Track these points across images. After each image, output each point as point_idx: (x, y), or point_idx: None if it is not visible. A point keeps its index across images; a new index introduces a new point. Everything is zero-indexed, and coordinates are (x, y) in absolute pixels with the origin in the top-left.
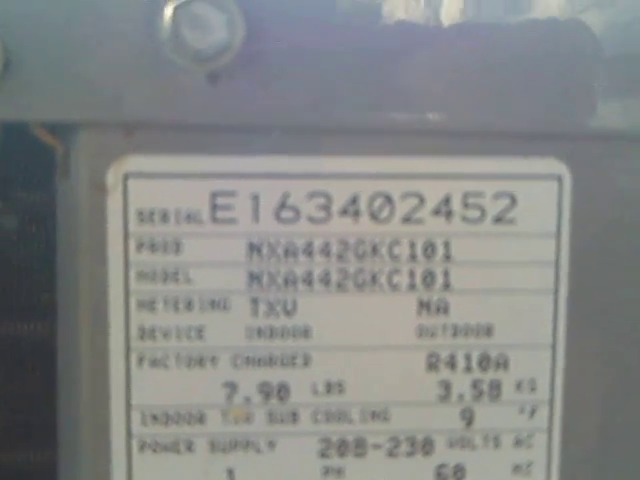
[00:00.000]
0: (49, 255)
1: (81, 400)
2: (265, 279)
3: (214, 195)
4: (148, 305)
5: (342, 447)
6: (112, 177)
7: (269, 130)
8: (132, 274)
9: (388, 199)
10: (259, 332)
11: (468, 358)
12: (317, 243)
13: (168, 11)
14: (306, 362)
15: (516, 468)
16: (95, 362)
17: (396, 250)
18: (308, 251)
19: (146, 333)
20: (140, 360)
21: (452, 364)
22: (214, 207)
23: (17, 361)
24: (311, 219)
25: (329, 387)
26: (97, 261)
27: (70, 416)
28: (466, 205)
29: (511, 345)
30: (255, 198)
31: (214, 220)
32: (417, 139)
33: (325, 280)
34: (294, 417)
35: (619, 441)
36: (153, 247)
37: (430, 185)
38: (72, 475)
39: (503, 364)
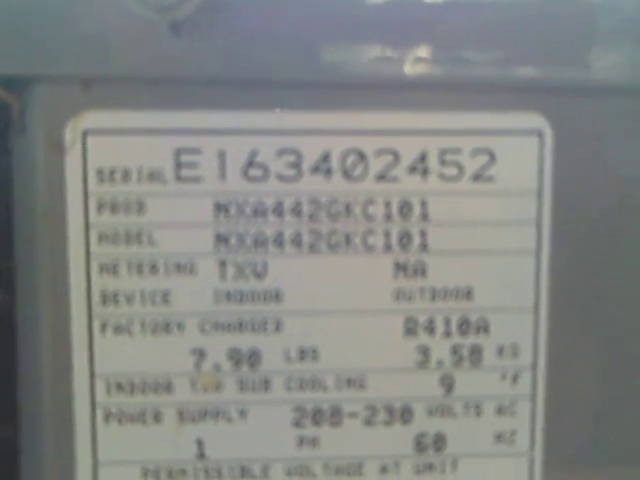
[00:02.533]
0: (7, 222)
1: (42, 370)
2: (233, 240)
3: (178, 152)
4: (110, 269)
5: (317, 416)
6: (70, 134)
7: (234, 83)
8: (93, 236)
9: (361, 156)
10: (228, 296)
11: (447, 322)
12: (287, 202)
13: None
14: (278, 327)
15: (499, 436)
16: (56, 330)
17: (370, 210)
18: (278, 211)
19: (109, 298)
20: (103, 326)
21: (431, 329)
22: (178, 165)
23: None
24: (281, 177)
25: (302, 353)
26: (56, 223)
27: (31, 387)
28: (443, 162)
29: (492, 308)
30: (222, 155)
31: (179, 179)
32: (392, 93)
33: (296, 241)
34: (266, 385)
35: (606, 407)
36: (114, 208)
37: (405, 141)
38: (34, 449)
39: (484, 328)
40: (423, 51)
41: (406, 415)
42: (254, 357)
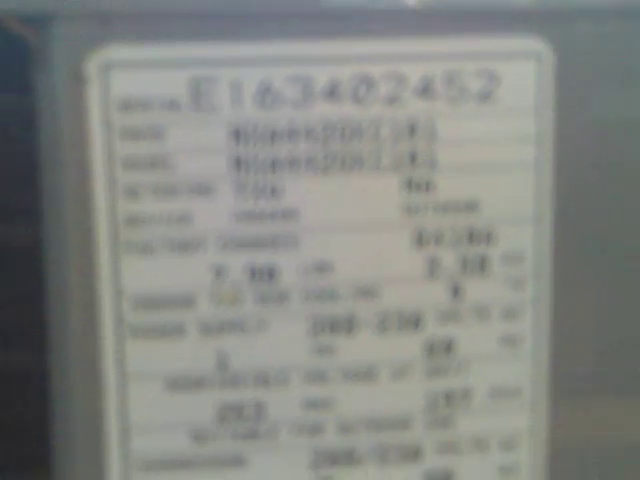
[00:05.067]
0: (32, 155)
1: (69, 292)
2: (250, 164)
3: (195, 81)
4: (134, 193)
5: (332, 325)
6: (91, 67)
7: (249, 15)
8: (117, 164)
9: (369, 81)
10: (246, 215)
11: (454, 233)
12: (300, 127)
13: None
14: (294, 243)
15: (504, 339)
16: (82, 254)
17: (380, 131)
18: (292, 135)
19: (133, 221)
20: (128, 248)
21: (438, 239)
22: (196, 94)
23: (2, 267)
24: (294, 103)
25: (318, 267)
26: (80, 153)
27: (59, 310)
28: (448, 84)
29: (497, 219)
30: (237, 84)
31: (196, 107)
32: (397, 19)
33: (310, 163)
34: (284, 297)
35: (613, 316)
36: (136, 136)
37: (411, 65)
38: (63, 368)
39: (489, 238)
40: None
41: (416, 321)
42: (272, 272)
